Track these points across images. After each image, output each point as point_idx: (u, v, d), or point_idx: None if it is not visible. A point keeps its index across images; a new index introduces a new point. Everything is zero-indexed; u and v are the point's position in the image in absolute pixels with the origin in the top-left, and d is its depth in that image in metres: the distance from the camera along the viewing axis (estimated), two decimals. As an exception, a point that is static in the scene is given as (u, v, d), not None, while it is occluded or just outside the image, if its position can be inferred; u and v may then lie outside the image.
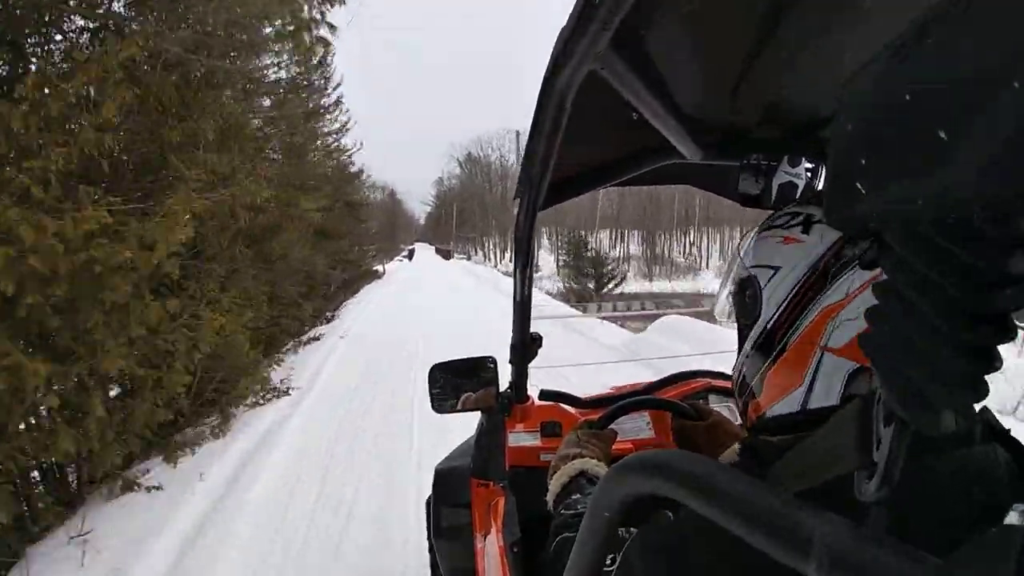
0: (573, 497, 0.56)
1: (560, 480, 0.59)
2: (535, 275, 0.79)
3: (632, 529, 0.38)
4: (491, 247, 38.38)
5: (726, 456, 0.57)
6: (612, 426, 0.69)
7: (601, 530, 0.32)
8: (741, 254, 0.42)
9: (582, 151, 0.66)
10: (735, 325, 0.43)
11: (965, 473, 0.30)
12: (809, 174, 0.65)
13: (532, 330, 0.83)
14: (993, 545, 0.16)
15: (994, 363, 0.19)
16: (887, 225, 0.18)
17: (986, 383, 0.20)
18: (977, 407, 0.24)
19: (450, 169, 48.09)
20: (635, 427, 0.92)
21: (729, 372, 0.43)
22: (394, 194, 44.43)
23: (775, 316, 0.36)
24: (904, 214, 0.16)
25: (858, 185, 0.17)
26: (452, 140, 49.53)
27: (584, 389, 1.06)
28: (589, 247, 32.18)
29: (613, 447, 0.66)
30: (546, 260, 34.40)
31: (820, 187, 0.63)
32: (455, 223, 38.65)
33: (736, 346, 0.42)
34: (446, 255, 31.76)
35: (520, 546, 0.72)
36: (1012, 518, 0.18)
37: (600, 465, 0.60)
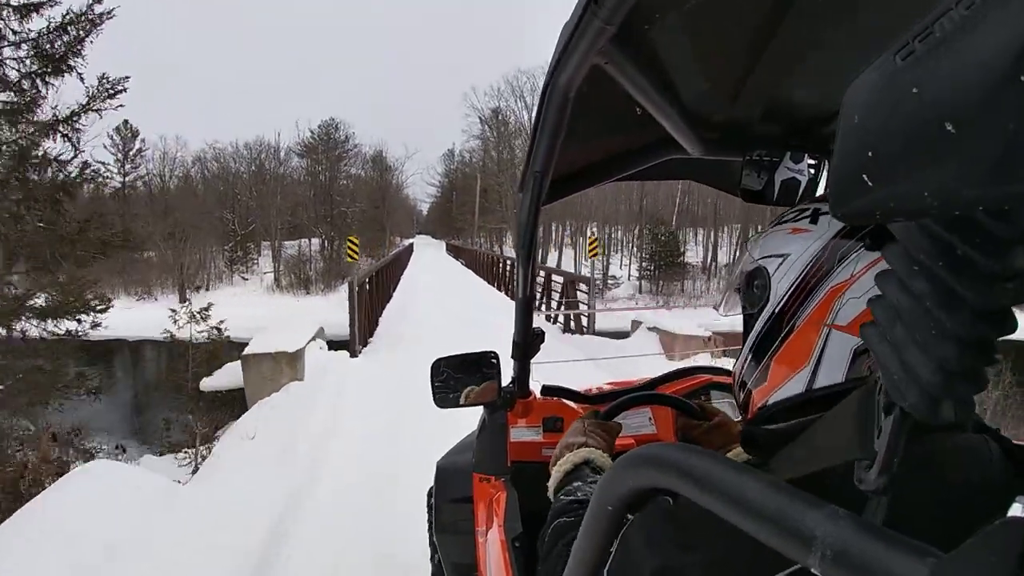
0: (574, 484, 0.74)
1: (563, 467, 0.79)
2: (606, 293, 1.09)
3: (629, 516, 0.50)
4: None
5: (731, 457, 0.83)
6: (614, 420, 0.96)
7: (604, 522, 0.44)
8: (750, 250, 0.58)
9: (586, 146, 0.95)
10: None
11: (959, 459, 0.42)
12: (812, 171, 0.91)
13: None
14: (997, 538, 0.21)
15: (994, 356, 0.27)
16: (893, 219, 0.25)
17: (985, 374, 0.28)
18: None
19: (467, 126, 46.48)
20: (637, 423, 1.24)
21: (729, 369, 0.66)
22: (383, 160, 41.08)
23: (784, 300, 0.51)
24: (910, 208, 0.22)
25: (864, 178, 0.23)
26: (472, 85, 49.23)
27: None
28: (682, 252, 30.51)
29: (617, 442, 0.92)
30: (610, 262, 33.42)
31: (824, 183, 0.89)
32: (477, 208, 36.34)
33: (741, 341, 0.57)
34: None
35: (522, 540, 0.99)
36: (1015, 510, 0.22)
37: (604, 456, 0.79)
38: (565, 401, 1.31)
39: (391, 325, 8.59)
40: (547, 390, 1.32)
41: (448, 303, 10.79)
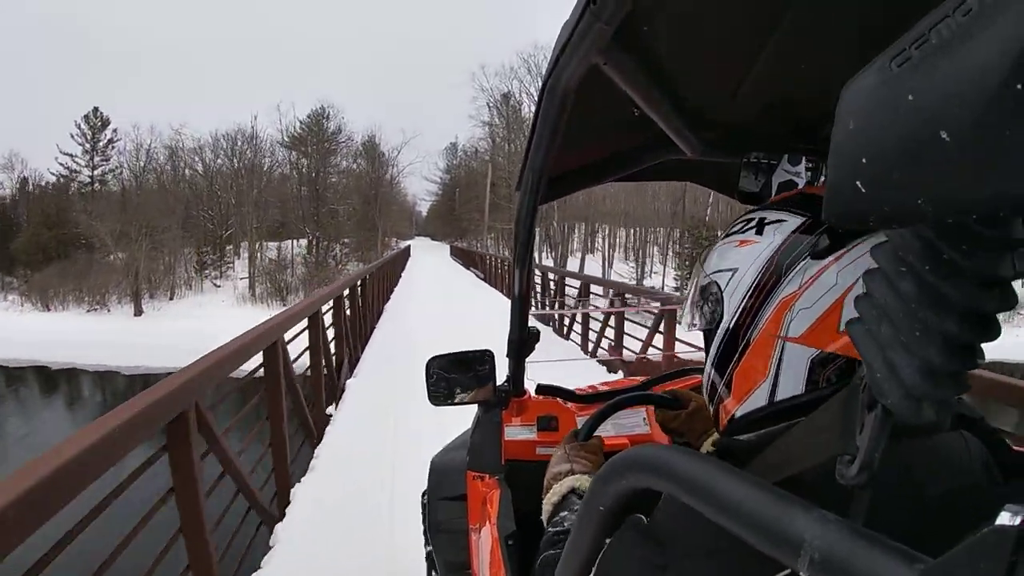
0: (561, 514, 0.84)
1: (552, 499, 0.89)
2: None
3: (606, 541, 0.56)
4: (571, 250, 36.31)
5: (711, 441, 0.94)
6: (610, 421, 1.10)
7: (596, 524, 0.49)
8: (702, 264, 0.64)
9: (584, 145, 1.08)
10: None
11: (937, 457, 0.47)
12: (809, 173, 1.02)
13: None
14: (986, 546, 0.24)
15: (977, 359, 0.31)
16: (887, 224, 0.29)
17: (967, 377, 0.32)
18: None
19: (475, 111, 45.53)
20: (632, 423, 1.40)
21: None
22: (375, 146, 41.27)
23: (736, 314, 0.57)
24: (904, 214, 0.26)
25: (858, 183, 0.26)
26: (482, 64, 49.95)
27: None
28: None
29: (611, 442, 1.06)
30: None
31: (820, 185, 1.01)
32: (487, 203, 35.83)
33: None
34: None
35: (515, 539, 1.12)
36: (1003, 518, 0.24)
37: (589, 480, 0.82)
38: (559, 400, 1.47)
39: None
40: (542, 389, 1.48)
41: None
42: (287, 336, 3.84)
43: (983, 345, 0.33)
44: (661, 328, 6.27)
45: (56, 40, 67.88)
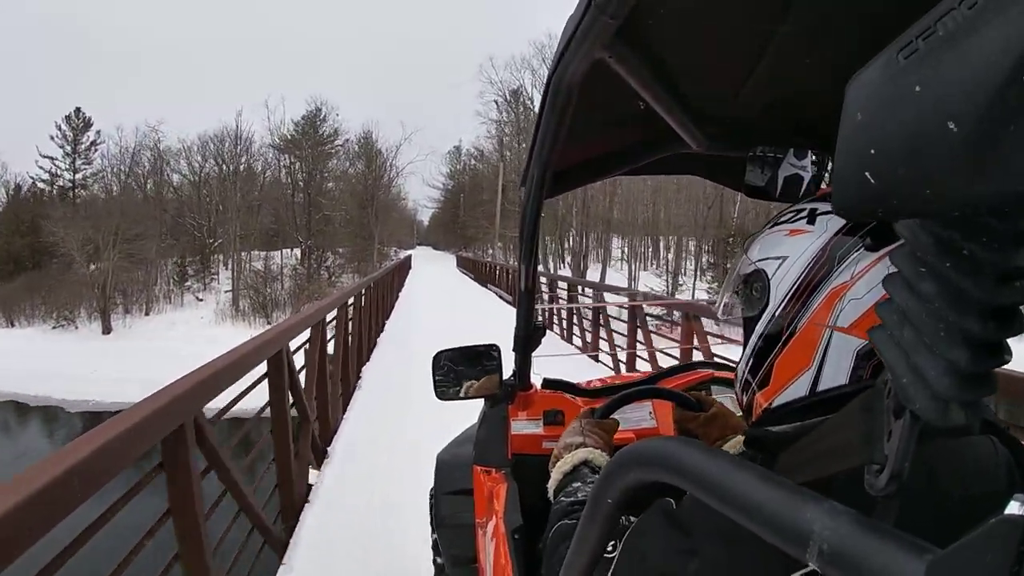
0: (574, 485, 0.91)
1: (562, 469, 0.96)
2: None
3: (632, 518, 0.61)
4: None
5: (728, 447, 1.02)
6: (615, 415, 1.18)
7: (604, 516, 0.53)
8: (747, 251, 0.67)
9: (590, 139, 1.16)
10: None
11: (964, 463, 0.50)
12: (815, 167, 1.11)
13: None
14: (993, 535, 0.26)
15: (1003, 356, 0.33)
16: (896, 216, 0.31)
17: (995, 376, 0.33)
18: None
19: (483, 107, 45.95)
20: (638, 417, 1.49)
21: (730, 362, 0.85)
22: (370, 142, 41.57)
23: (784, 302, 0.60)
24: (911, 206, 0.28)
25: (867, 175, 0.28)
26: (491, 55, 50.84)
27: None
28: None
29: (617, 436, 1.13)
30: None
31: (827, 180, 1.09)
32: (499, 207, 34.89)
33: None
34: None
35: (521, 532, 1.20)
36: (1013, 508, 0.26)
37: (603, 455, 0.97)
38: (566, 394, 1.57)
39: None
40: (548, 383, 1.59)
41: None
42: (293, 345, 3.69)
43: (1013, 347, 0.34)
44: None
45: (54, 40, 69.18)
